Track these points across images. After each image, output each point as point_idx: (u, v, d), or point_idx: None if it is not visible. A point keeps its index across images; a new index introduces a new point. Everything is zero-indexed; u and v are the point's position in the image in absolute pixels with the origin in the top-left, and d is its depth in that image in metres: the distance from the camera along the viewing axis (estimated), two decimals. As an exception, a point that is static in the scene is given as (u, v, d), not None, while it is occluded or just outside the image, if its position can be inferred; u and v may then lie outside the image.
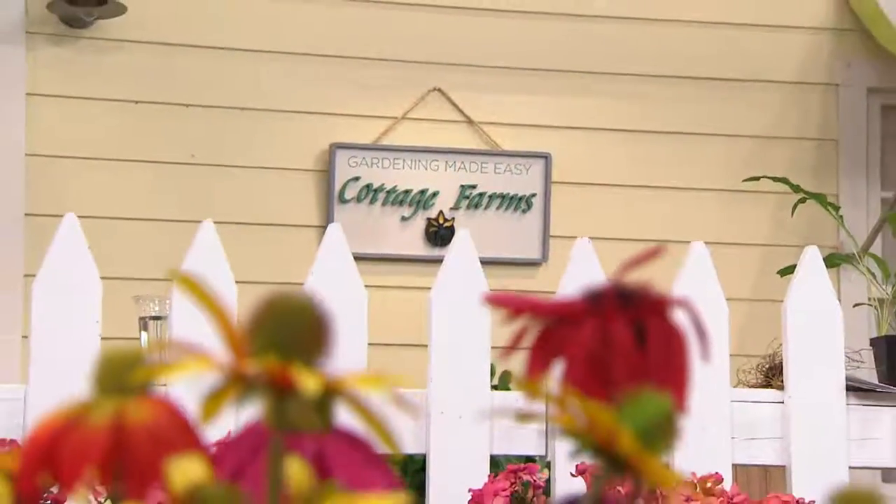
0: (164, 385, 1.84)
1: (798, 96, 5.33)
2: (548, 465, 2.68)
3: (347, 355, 2.56)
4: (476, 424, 2.62)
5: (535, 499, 2.45)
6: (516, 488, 2.45)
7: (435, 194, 5.05)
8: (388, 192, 5.01)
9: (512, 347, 0.75)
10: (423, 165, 5.05)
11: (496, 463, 2.67)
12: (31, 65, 4.81)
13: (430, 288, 2.67)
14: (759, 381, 3.67)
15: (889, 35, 5.23)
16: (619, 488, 0.79)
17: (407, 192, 5.04)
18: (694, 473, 2.23)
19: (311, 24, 5.00)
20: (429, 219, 5.04)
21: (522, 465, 2.47)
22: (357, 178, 4.98)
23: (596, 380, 0.72)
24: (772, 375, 3.42)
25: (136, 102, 4.85)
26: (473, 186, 5.07)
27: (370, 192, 4.99)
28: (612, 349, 0.73)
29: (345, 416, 0.70)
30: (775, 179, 4.24)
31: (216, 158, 4.87)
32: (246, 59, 4.95)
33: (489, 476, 2.51)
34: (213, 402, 0.61)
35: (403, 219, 5.03)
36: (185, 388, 0.70)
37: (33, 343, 2.38)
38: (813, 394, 2.71)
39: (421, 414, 2.55)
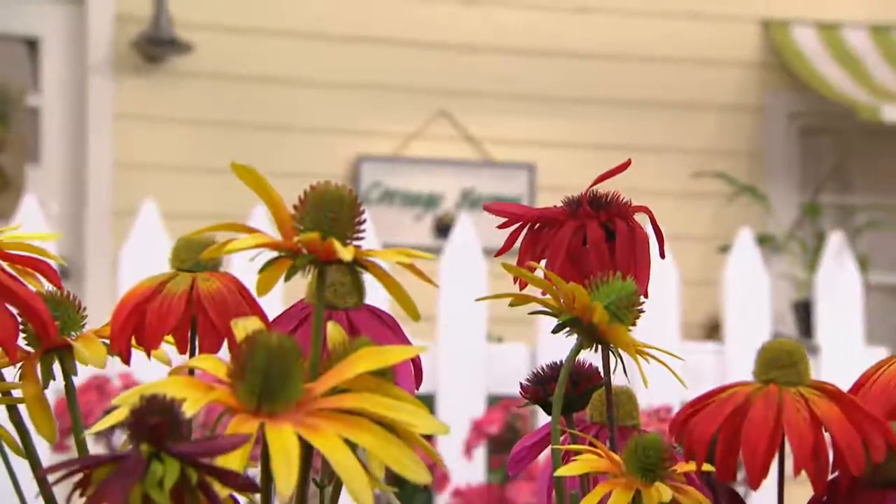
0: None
1: (732, 118, 5.33)
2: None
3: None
4: (475, 368, 2.62)
5: (522, 426, 2.45)
6: (508, 418, 2.45)
7: (441, 197, 5.05)
8: (404, 195, 5.01)
9: (507, 247, 0.75)
10: (432, 173, 5.05)
11: (492, 399, 2.67)
12: (117, 92, 4.82)
13: (437, 272, 2.67)
14: (703, 335, 3.68)
15: (805, 70, 5.23)
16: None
17: (418, 195, 5.03)
18: (650, 406, 2.23)
19: (342, 58, 5.00)
20: (436, 216, 5.04)
21: (513, 400, 2.47)
22: (379, 184, 4.98)
23: (574, 269, 0.72)
24: (713, 331, 3.42)
25: (201, 121, 4.86)
26: (472, 190, 5.06)
27: (389, 195, 4.99)
28: (587, 245, 0.73)
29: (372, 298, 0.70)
30: (717, 175, 4.24)
31: (265, 166, 4.85)
32: (289, 86, 4.95)
33: (487, 409, 2.51)
34: (268, 275, 0.61)
35: (416, 217, 5.03)
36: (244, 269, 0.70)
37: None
38: (746, 345, 2.70)
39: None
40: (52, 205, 4.65)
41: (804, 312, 3.33)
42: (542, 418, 2.59)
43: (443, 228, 4.95)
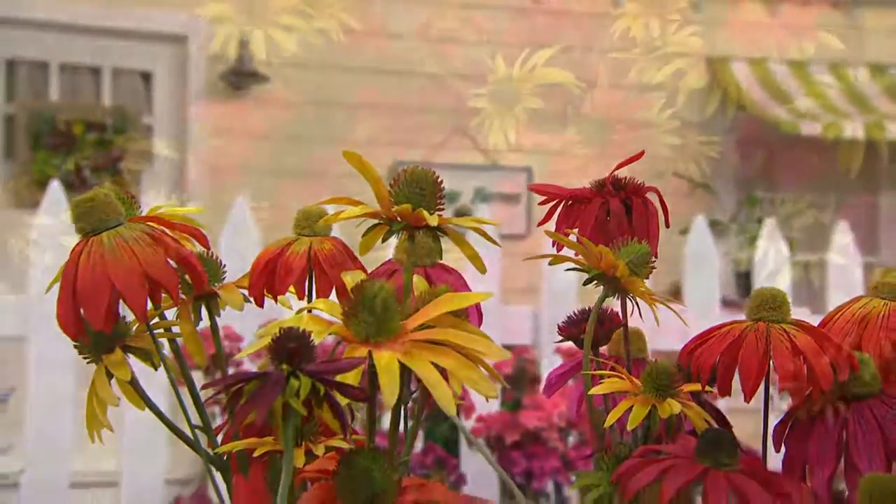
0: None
1: (686, 132, 5.31)
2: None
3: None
4: (492, 323, 2.62)
5: (529, 368, 2.44)
6: (517, 362, 2.44)
7: (459, 194, 5.03)
8: (431, 192, 5.00)
9: (547, 218, 0.74)
10: (452, 175, 5.03)
11: (505, 348, 2.66)
12: (211, 113, 4.82)
13: (457, 257, 2.66)
14: (666, 299, 3.68)
15: (740, 95, 5.21)
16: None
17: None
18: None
19: (384, 87, 5.00)
20: (455, 209, 5.02)
21: (521, 349, 2.47)
22: (411, 184, 4.97)
23: (600, 235, 0.72)
24: (674, 295, 3.41)
25: (276, 136, 4.86)
26: (483, 188, 5.05)
27: (419, 193, 4.98)
28: (610, 216, 0.72)
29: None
30: (679, 175, 4.21)
31: (326, 169, 4.87)
32: (344, 109, 4.95)
33: (501, 355, 2.50)
34: (369, 238, 0.61)
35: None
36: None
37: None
38: (701, 305, 2.69)
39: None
40: (162, 201, 4.65)
41: (745, 281, 3.33)
42: (545, 363, 2.58)
43: (461, 219, 4.94)
